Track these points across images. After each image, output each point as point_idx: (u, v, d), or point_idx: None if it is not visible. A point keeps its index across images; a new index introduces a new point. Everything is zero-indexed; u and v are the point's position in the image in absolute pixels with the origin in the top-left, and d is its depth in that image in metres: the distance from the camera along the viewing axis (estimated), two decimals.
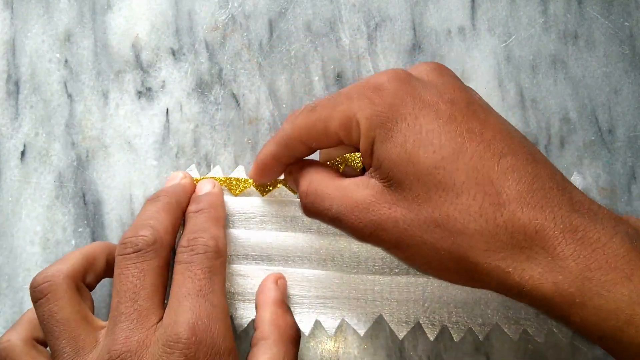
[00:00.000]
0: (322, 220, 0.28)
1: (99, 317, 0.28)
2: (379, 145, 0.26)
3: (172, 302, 0.27)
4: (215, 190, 0.32)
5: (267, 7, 0.35)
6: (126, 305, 0.26)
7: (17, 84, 0.34)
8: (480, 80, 0.34)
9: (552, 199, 0.24)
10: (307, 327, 0.32)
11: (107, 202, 0.33)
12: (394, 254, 0.27)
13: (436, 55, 0.34)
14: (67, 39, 0.35)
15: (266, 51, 0.34)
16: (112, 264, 0.29)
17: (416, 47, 0.34)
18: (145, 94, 0.34)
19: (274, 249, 0.32)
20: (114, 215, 0.33)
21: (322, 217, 0.28)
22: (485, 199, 0.24)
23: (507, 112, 0.34)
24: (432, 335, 0.32)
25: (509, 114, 0.34)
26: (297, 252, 0.32)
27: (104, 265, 0.30)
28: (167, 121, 0.34)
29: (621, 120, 0.34)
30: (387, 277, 0.32)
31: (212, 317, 0.26)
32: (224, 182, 0.32)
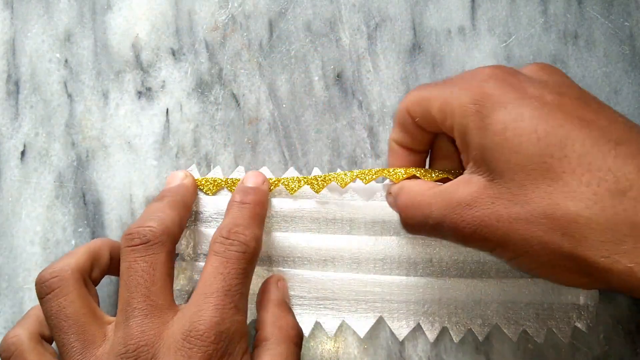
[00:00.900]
0: (424, 231, 0.27)
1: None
2: (475, 134, 0.25)
3: (198, 295, 0.26)
4: (264, 187, 0.31)
5: (267, 7, 0.35)
6: (138, 300, 0.26)
7: (17, 84, 0.34)
8: None
9: None
10: (307, 328, 0.32)
11: (107, 202, 0.33)
12: (500, 255, 0.25)
13: (436, 55, 0.34)
14: (67, 39, 0.35)
15: (266, 51, 0.34)
16: (116, 259, 0.29)
17: (416, 47, 0.34)
18: (145, 94, 0.34)
19: (275, 249, 0.32)
20: (114, 215, 0.33)
21: (423, 227, 0.27)
22: (601, 185, 0.22)
23: None
24: (432, 336, 0.32)
25: None
26: (297, 253, 0.32)
27: (108, 260, 0.29)
28: (167, 121, 0.34)
29: None
30: (387, 278, 0.32)
31: (234, 321, 0.26)
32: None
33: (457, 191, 0.25)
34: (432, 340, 0.32)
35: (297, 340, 0.29)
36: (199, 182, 0.33)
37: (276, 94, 0.34)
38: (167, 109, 0.34)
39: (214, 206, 0.32)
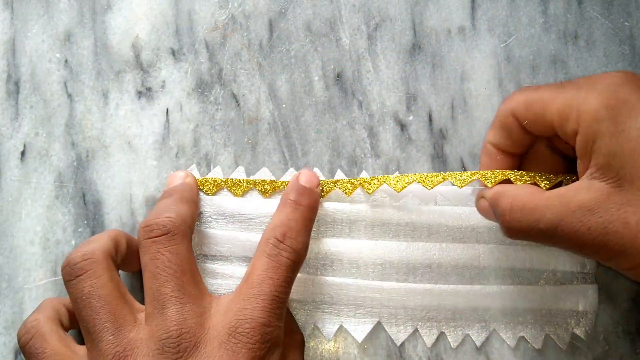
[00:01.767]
0: (530, 236, 0.26)
1: None
2: (607, 140, 0.24)
3: (244, 292, 0.27)
4: (318, 190, 0.31)
5: (267, 7, 0.35)
6: (172, 288, 0.26)
7: (17, 84, 0.34)
8: (480, 80, 0.34)
9: None
10: (305, 332, 0.32)
11: (107, 202, 0.33)
12: (617, 264, 0.25)
13: (436, 55, 0.34)
14: (67, 39, 0.35)
15: (266, 51, 0.34)
16: (132, 249, 0.29)
17: (416, 47, 0.34)
18: (145, 94, 0.34)
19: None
20: (114, 215, 0.33)
21: (529, 231, 0.26)
22: None
23: None
24: (429, 341, 0.32)
25: None
26: None
27: (126, 248, 0.29)
28: (167, 121, 0.34)
29: None
30: (385, 283, 0.32)
31: (277, 327, 0.27)
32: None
33: (577, 196, 0.25)
34: (429, 345, 0.32)
35: (300, 345, 0.29)
36: (199, 182, 0.33)
37: (276, 94, 0.34)
38: (167, 109, 0.34)
39: (214, 207, 0.32)
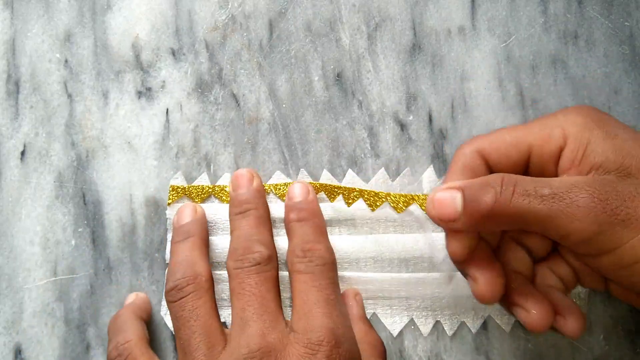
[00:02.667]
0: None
1: None
2: (601, 142, 0.26)
3: (301, 308, 0.28)
4: (311, 197, 0.32)
5: (267, 7, 0.35)
6: (255, 307, 0.28)
7: (17, 84, 0.34)
8: (480, 80, 0.34)
9: None
10: None
11: (107, 202, 0.33)
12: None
13: (436, 55, 0.34)
14: (67, 39, 0.35)
15: (266, 51, 0.34)
16: None
17: (416, 47, 0.34)
18: (145, 94, 0.34)
19: None
20: (114, 215, 0.33)
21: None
22: None
23: (507, 112, 0.34)
24: (425, 330, 0.32)
25: (509, 114, 0.34)
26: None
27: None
28: (167, 121, 0.34)
29: (621, 120, 0.34)
30: (378, 275, 0.32)
31: (346, 326, 0.28)
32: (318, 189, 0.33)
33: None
34: (425, 334, 0.32)
35: (384, 356, 0.30)
36: (187, 190, 0.33)
37: (276, 94, 0.34)
38: (167, 109, 0.34)
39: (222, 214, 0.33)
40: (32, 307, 0.33)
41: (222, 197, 0.33)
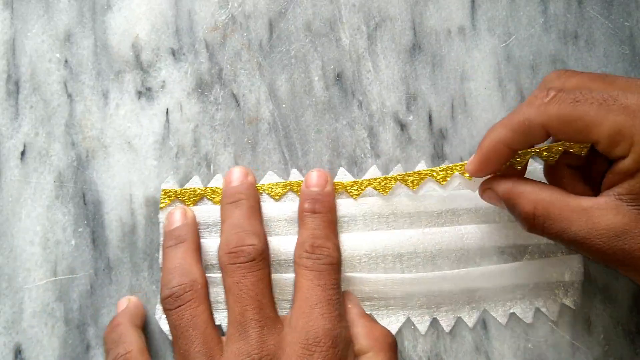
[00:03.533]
0: (548, 237, 0.27)
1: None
2: None
3: (301, 307, 0.28)
4: (329, 189, 0.32)
5: (267, 7, 0.35)
6: (253, 312, 0.28)
7: (17, 84, 0.34)
8: (480, 80, 0.34)
9: None
10: None
11: (107, 202, 0.33)
12: (633, 278, 0.26)
13: (436, 55, 0.34)
14: (67, 39, 0.35)
15: (266, 51, 0.34)
16: None
17: (416, 47, 0.34)
18: (145, 94, 0.34)
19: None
20: (114, 215, 0.33)
21: (551, 237, 0.27)
22: None
23: (507, 112, 0.34)
24: (423, 328, 0.32)
25: None
26: (282, 256, 0.32)
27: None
28: (167, 121, 0.34)
29: None
30: (372, 275, 0.32)
31: (342, 327, 0.28)
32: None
33: (605, 217, 0.25)
34: (423, 332, 0.32)
35: (393, 346, 0.30)
36: (179, 193, 0.33)
37: (276, 94, 0.34)
38: (167, 109, 0.34)
39: (197, 216, 0.33)
40: (32, 307, 0.33)
41: (214, 198, 0.33)
